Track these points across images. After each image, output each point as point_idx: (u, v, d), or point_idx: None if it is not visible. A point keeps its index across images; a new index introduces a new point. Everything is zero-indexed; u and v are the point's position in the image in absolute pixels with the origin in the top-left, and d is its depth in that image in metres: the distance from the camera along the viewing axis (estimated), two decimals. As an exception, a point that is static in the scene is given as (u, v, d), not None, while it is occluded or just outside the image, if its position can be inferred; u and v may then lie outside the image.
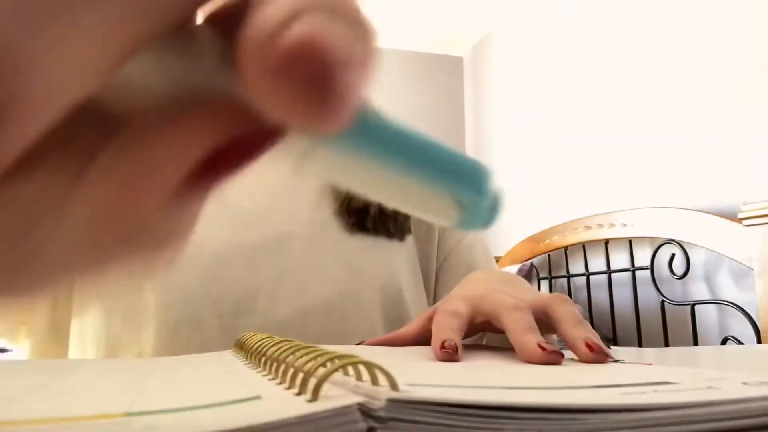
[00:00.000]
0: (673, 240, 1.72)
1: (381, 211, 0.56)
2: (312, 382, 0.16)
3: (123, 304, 0.48)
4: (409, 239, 0.60)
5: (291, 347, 0.22)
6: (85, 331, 0.50)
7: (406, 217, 0.58)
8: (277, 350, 0.22)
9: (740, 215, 1.43)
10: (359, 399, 0.15)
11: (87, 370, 0.26)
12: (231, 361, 0.28)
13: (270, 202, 0.54)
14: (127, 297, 0.47)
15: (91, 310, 0.49)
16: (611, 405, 0.15)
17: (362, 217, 0.55)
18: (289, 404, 0.15)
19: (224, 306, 0.48)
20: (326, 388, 0.16)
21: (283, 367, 0.19)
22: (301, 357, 0.19)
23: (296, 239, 0.53)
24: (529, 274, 2.50)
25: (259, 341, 0.26)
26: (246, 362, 0.26)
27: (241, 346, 0.32)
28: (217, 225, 0.50)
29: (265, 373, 0.22)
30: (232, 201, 0.52)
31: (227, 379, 0.21)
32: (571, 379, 0.21)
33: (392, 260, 0.57)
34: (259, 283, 0.50)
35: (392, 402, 0.14)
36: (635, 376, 0.21)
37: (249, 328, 0.48)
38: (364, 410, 0.15)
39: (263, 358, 0.23)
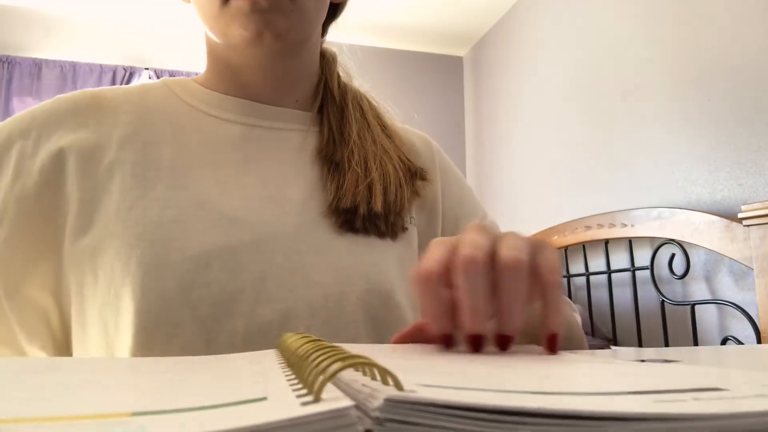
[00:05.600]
0: (673, 240, 1.73)
1: (370, 210, 0.54)
2: (318, 383, 0.15)
3: (113, 311, 0.47)
4: (407, 235, 0.58)
5: (314, 347, 0.21)
6: (87, 339, 0.49)
7: (398, 216, 0.56)
8: (299, 350, 0.22)
9: (740, 215, 1.43)
10: (351, 402, 0.14)
11: (117, 369, 0.26)
12: (270, 360, 0.28)
13: (253, 207, 0.52)
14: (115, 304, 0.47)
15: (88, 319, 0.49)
16: (625, 413, 0.14)
17: (350, 217, 0.54)
18: (287, 406, 0.14)
19: (204, 309, 0.47)
20: (334, 390, 0.16)
21: (296, 367, 0.19)
22: (317, 357, 0.19)
23: (280, 241, 0.51)
24: (529, 274, 2.50)
25: (294, 341, 0.26)
26: (281, 362, 0.26)
27: (280, 346, 0.31)
28: (198, 231, 0.49)
29: (289, 372, 0.21)
30: (214, 207, 0.51)
31: (251, 379, 0.21)
32: (598, 383, 0.19)
33: (382, 260, 0.55)
34: (240, 286, 0.48)
35: (390, 403, 0.14)
36: (682, 381, 0.19)
37: (230, 331, 0.47)
38: (363, 411, 0.14)
39: (291, 358, 0.23)
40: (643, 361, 0.30)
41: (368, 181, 0.55)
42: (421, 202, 0.62)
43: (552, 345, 0.32)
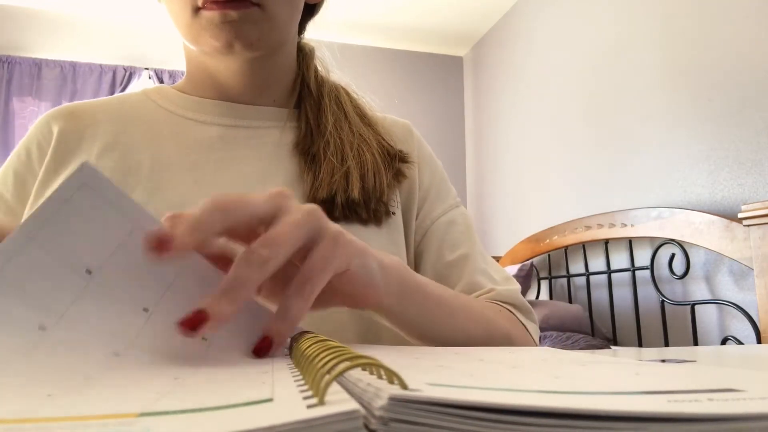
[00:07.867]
0: (673, 240, 1.73)
1: (348, 198, 0.54)
2: (323, 384, 0.15)
3: None
4: (393, 220, 0.58)
5: (321, 347, 0.21)
6: None
7: (379, 201, 0.56)
8: (307, 350, 0.22)
9: (740, 215, 1.43)
10: (356, 405, 0.14)
11: (124, 369, 0.26)
12: (279, 360, 0.28)
13: None
14: None
15: None
16: (638, 413, 0.13)
17: (329, 207, 0.53)
18: (292, 408, 0.14)
19: None
20: (340, 391, 0.16)
21: (303, 368, 0.19)
22: (323, 358, 0.19)
23: None
24: (529, 274, 2.51)
25: (304, 341, 0.26)
26: (289, 363, 0.26)
27: (291, 347, 0.31)
28: None
29: (296, 372, 0.21)
30: (196, 202, 0.51)
31: (259, 379, 0.21)
32: (610, 382, 0.18)
33: None
34: None
35: (394, 402, 0.14)
36: (697, 381, 0.19)
37: None
38: (368, 410, 0.14)
39: (299, 358, 0.23)
40: (663, 361, 0.29)
41: (344, 169, 0.55)
42: (401, 186, 0.61)
43: (258, 348, 0.29)
